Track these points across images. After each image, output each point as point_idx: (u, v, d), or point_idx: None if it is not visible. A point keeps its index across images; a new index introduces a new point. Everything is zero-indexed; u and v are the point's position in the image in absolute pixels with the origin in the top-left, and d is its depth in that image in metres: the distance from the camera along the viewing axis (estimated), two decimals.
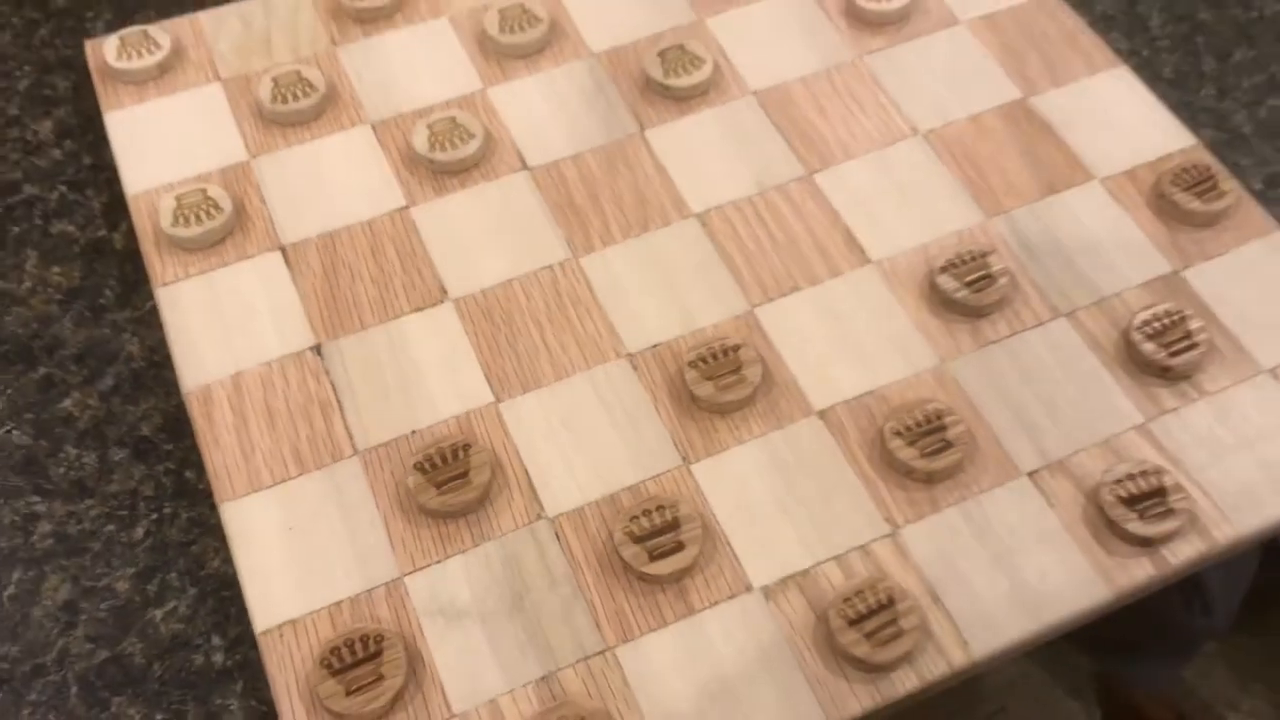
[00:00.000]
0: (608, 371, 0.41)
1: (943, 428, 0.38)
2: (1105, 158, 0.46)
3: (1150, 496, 0.37)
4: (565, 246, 0.44)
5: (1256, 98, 0.50)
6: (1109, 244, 0.44)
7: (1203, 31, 0.52)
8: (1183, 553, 0.37)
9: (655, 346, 0.41)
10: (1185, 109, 0.49)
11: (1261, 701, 0.73)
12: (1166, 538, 0.37)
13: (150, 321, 0.44)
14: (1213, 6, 0.53)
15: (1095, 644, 0.73)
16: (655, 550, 0.36)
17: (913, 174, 0.45)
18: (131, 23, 0.53)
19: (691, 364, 0.40)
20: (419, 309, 0.42)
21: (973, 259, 0.42)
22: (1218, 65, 0.51)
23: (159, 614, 0.38)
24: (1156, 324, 0.41)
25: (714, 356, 0.40)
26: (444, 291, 0.43)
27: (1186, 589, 0.66)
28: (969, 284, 0.41)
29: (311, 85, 0.48)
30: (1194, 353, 0.40)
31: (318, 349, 0.42)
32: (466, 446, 0.38)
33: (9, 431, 0.42)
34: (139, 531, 0.39)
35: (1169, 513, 0.37)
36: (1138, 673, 0.72)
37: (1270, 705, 0.72)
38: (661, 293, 0.43)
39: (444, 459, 0.38)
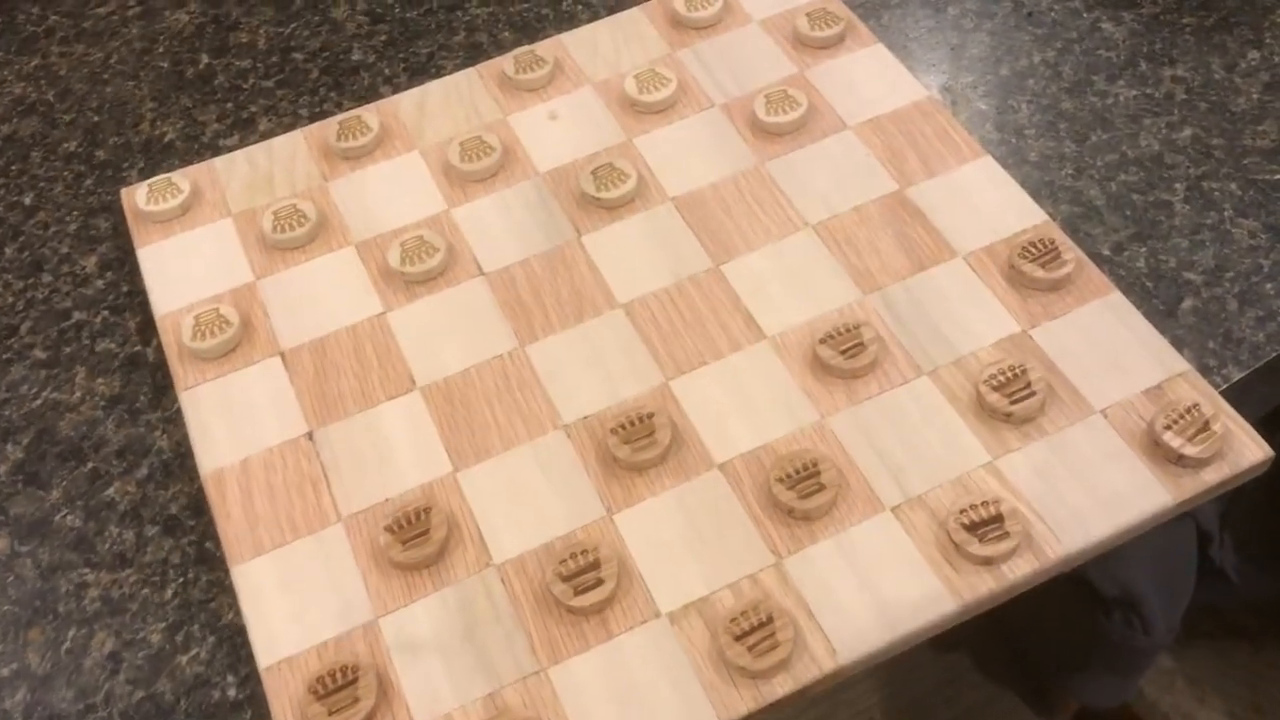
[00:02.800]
0: (546, 441, 0.49)
1: (818, 473, 0.46)
2: (967, 237, 0.54)
3: (989, 523, 0.44)
4: (513, 337, 0.53)
5: (1108, 174, 0.58)
6: (968, 311, 0.51)
7: (1064, 119, 0.60)
8: (1019, 569, 0.44)
9: (586, 418, 0.50)
10: (1047, 187, 0.57)
11: (1218, 713, 0.78)
12: (1004, 556, 0.44)
13: (177, 420, 0.53)
14: (1074, 97, 0.61)
15: (1051, 672, 0.78)
16: (579, 586, 0.44)
17: (803, 261, 0.54)
18: (160, 169, 0.63)
19: (613, 431, 0.48)
20: (392, 397, 0.51)
21: (847, 331, 0.50)
22: (1076, 148, 0.59)
23: (184, 659, 0.47)
24: (1001, 377, 0.48)
25: (631, 424, 0.48)
26: (413, 381, 0.52)
27: (1125, 609, 0.73)
28: (843, 352, 0.49)
29: (305, 216, 0.57)
30: (1032, 400, 0.47)
31: (310, 435, 0.50)
32: (427, 509, 0.47)
33: (64, 517, 0.51)
34: (168, 593, 0.48)
35: (1005, 535, 0.44)
36: (1093, 691, 0.77)
37: (1225, 716, 0.78)
38: (592, 372, 0.51)
39: (409, 521, 0.46)
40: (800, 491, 0.46)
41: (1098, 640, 0.73)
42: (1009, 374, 0.48)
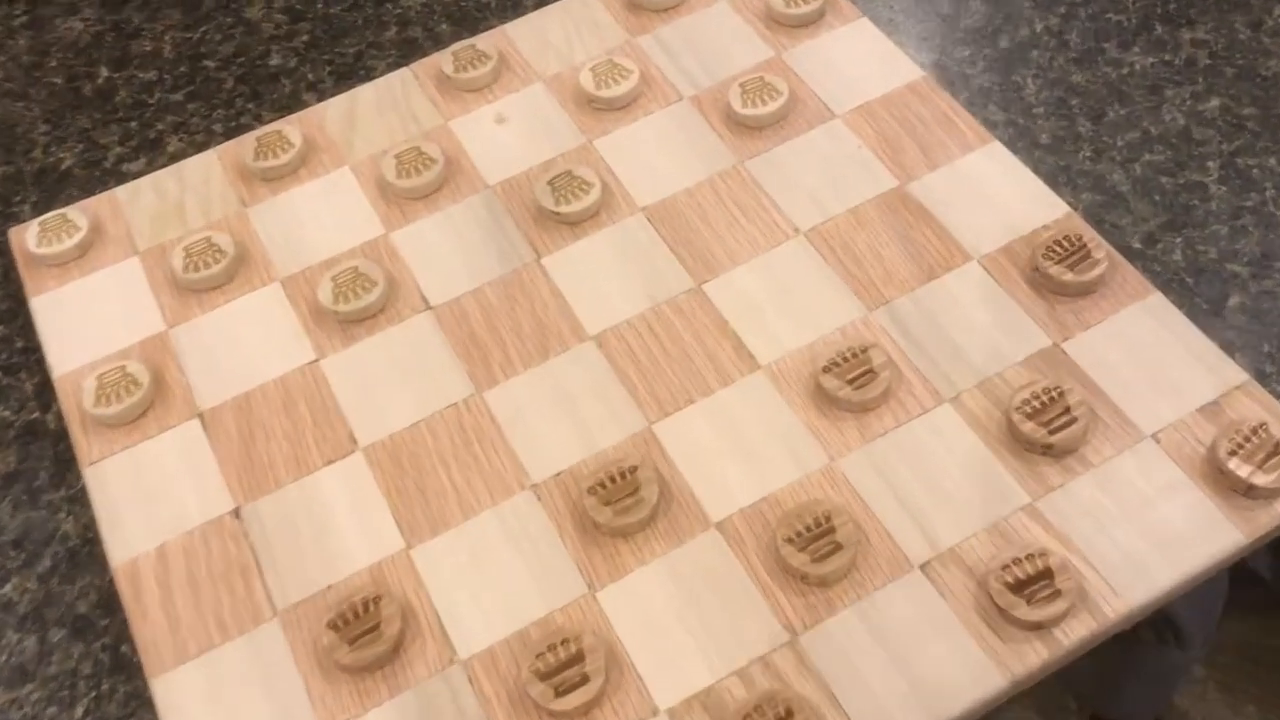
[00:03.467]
0: (514, 505, 0.42)
1: (832, 529, 0.40)
2: (982, 236, 0.47)
3: (1037, 580, 0.38)
4: (468, 382, 0.46)
5: (1131, 155, 0.51)
6: (989, 324, 0.45)
7: (1076, 94, 0.54)
8: (1075, 632, 0.38)
9: (558, 474, 0.43)
10: (1064, 173, 0.51)
11: None
12: (1056, 620, 0.38)
13: (84, 499, 0.46)
14: (1084, 68, 0.55)
15: (1079, 686, 0.73)
16: (561, 685, 0.37)
17: (796, 274, 0.47)
18: (56, 202, 0.55)
19: (591, 490, 0.41)
20: (330, 461, 0.44)
21: (854, 356, 0.43)
22: (1092, 126, 0.52)
23: None
24: (1035, 402, 0.42)
25: (611, 480, 0.42)
26: (354, 441, 0.45)
27: (1157, 623, 0.67)
28: (851, 381, 0.43)
29: (222, 250, 0.50)
30: (1074, 427, 0.41)
31: (237, 512, 0.43)
32: (377, 599, 0.40)
33: None
34: (79, 711, 0.41)
35: (1056, 594, 0.38)
36: (1126, 708, 0.72)
37: None
38: (562, 419, 0.44)
39: (355, 614, 0.39)
40: (814, 553, 0.39)
41: (1129, 654, 0.67)
42: (1044, 398, 0.42)
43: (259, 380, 0.47)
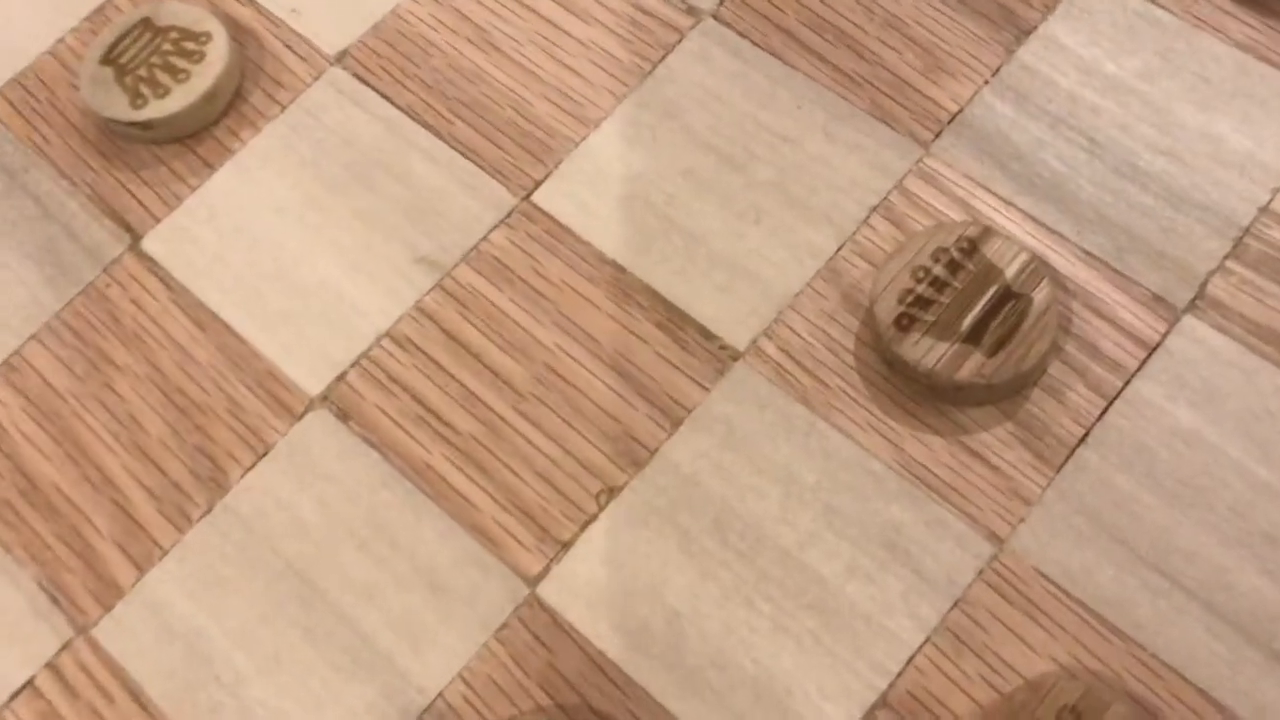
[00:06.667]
0: None
1: None
2: None
3: None
4: (49, 611, 0.18)
5: None
6: (1185, 96, 0.20)
7: None
8: None
9: None
10: None
11: None
12: None
13: None
14: None
15: None
16: None
17: (730, 115, 0.21)
18: None
19: None
20: None
21: (953, 262, 0.18)
22: None
23: None
24: None
25: None
26: None
27: None
28: (973, 335, 0.17)
29: None
30: None
31: None
32: None
33: None
34: None
35: None
36: None
37: None
38: (306, 636, 0.17)
39: None
40: None
41: None
42: None
43: None
